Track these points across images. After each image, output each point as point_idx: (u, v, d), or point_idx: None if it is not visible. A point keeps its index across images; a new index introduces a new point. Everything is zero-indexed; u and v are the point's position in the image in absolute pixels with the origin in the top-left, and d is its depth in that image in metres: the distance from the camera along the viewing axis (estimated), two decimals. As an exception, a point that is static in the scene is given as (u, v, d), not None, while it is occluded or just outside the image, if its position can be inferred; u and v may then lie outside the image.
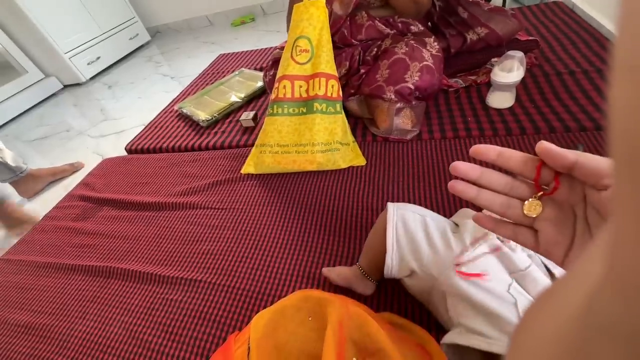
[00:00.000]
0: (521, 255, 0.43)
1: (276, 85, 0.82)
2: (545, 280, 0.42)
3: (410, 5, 0.85)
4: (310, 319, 0.41)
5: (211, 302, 0.62)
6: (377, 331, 0.40)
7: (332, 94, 0.81)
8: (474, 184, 0.25)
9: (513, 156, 0.23)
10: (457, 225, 0.50)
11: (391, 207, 0.51)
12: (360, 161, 0.83)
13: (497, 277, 0.42)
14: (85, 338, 0.63)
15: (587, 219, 0.21)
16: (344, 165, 0.82)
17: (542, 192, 0.23)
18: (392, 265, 0.48)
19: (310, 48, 0.80)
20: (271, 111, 0.83)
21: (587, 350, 0.08)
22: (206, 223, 0.78)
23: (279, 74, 0.82)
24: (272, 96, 0.83)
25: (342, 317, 0.41)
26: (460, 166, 0.24)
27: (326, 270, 0.59)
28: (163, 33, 2.96)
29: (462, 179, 0.25)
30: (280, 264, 0.65)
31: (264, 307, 0.58)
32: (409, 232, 0.48)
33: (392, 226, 0.49)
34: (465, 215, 0.51)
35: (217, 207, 0.82)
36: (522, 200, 0.23)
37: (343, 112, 0.85)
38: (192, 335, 0.58)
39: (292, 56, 0.80)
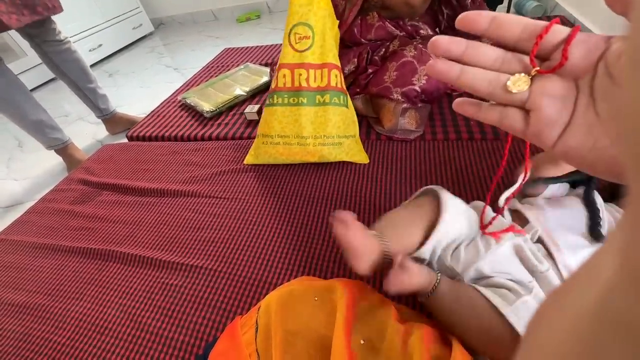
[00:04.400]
0: (541, 259, 0.44)
1: (276, 75, 0.81)
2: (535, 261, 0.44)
3: (403, 8, 0.86)
4: (316, 299, 0.42)
5: (211, 288, 0.62)
6: (387, 317, 0.41)
7: (336, 83, 0.79)
8: (459, 62, 0.21)
9: (506, 21, 0.19)
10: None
11: (445, 195, 0.47)
12: (363, 158, 0.84)
13: (518, 275, 0.43)
14: (81, 319, 0.62)
15: (594, 89, 0.18)
16: (346, 159, 0.82)
17: (537, 69, 0.19)
18: (427, 251, 0.45)
19: (312, 35, 0.77)
20: (271, 101, 0.82)
21: (600, 345, 0.08)
22: (208, 211, 0.78)
23: (278, 63, 0.81)
24: (272, 86, 0.82)
25: (349, 301, 0.42)
26: (441, 40, 0.20)
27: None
28: (167, 25, 2.95)
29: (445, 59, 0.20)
30: (281, 253, 0.66)
31: (265, 295, 0.58)
32: (454, 228, 0.45)
33: (449, 215, 0.44)
34: (476, 207, 0.51)
35: (219, 196, 0.82)
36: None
37: (349, 104, 0.84)
38: (191, 319, 0.58)
39: (290, 43, 0.78)
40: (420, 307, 0.54)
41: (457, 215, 0.45)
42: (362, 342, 0.39)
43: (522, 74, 0.19)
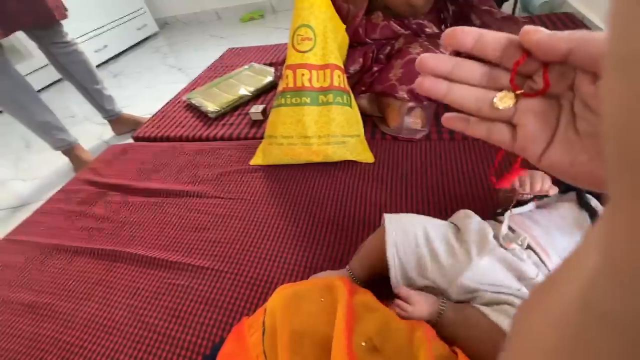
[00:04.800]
0: (530, 266, 0.44)
1: (282, 77, 0.83)
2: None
3: (405, 8, 0.86)
4: (322, 299, 0.42)
5: (217, 288, 0.63)
6: (389, 317, 0.41)
7: (339, 83, 0.80)
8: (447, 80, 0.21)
9: (490, 42, 0.19)
10: (457, 227, 0.51)
11: (388, 221, 0.50)
12: (369, 158, 0.84)
13: (506, 284, 0.43)
14: (90, 319, 0.63)
15: (574, 109, 0.19)
16: (351, 158, 0.82)
17: (521, 92, 0.20)
18: (397, 283, 0.48)
19: (313, 36, 0.78)
20: (277, 102, 0.83)
21: (585, 337, 0.08)
22: (213, 212, 0.79)
23: (285, 65, 0.83)
24: (279, 88, 0.83)
25: (349, 301, 0.42)
26: (428, 59, 0.20)
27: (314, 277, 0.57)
28: (171, 25, 2.96)
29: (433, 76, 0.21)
30: (286, 254, 0.66)
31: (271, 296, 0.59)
32: (410, 247, 0.48)
33: (392, 244, 0.48)
34: (467, 216, 0.51)
35: (224, 196, 0.82)
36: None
37: (353, 104, 0.84)
38: (198, 320, 0.59)
39: (293, 45, 0.80)
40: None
41: (402, 244, 0.49)
42: (363, 344, 0.39)
43: (508, 91, 0.20)
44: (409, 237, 0.48)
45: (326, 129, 0.79)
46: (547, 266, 0.45)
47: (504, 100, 0.20)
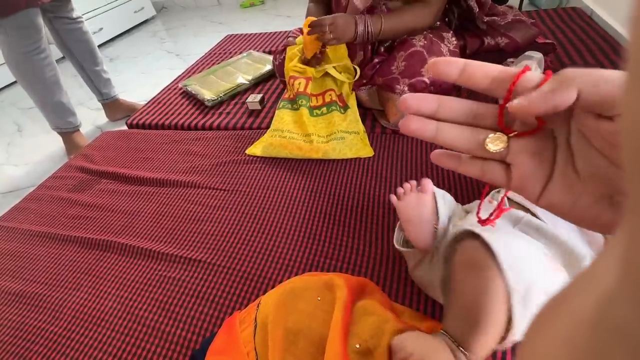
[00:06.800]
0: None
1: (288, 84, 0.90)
2: (543, 225, 0.43)
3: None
4: (319, 298, 0.40)
5: (210, 282, 0.61)
6: (384, 321, 0.40)
7: (331, 99, 0.88)
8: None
9: (477, 72, 0.18)
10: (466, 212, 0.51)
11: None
12: (368, 152, 0.82)
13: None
14: (78, 310, 0.62)
15: (571, 146, 0.17)
16: (350, 155, 0.81)
17: (513, 134, 0.18)
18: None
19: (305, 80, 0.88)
20: (279, 106, 0.90)
21: (598, 353, 0.08)
22: (208, 203, 0.77)
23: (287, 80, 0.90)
24: (285, 95, 0.90)
25: (347, 302, 0.40)
26: (411, 99, 0.19)
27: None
28: (169, 9, 2.89)
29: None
30: (282, 249, 0.64)
31: (264, 291, 0.57)
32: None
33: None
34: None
35: (219, 187, 0.80)
36: (492, 129, 0.19)
37: (352, 104, 0.87)
38: (189, 314, 0.57)
39: (290, 84, 0.89)
40: (422, 308, 0.52)
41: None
42: (357, 346, 0.38)
43: (499, 133, 0.19)
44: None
45: (325, 129, 0.85)
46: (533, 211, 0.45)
47: (495, 143, 0.19)
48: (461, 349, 0.36)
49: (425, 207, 0.46)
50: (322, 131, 0.84)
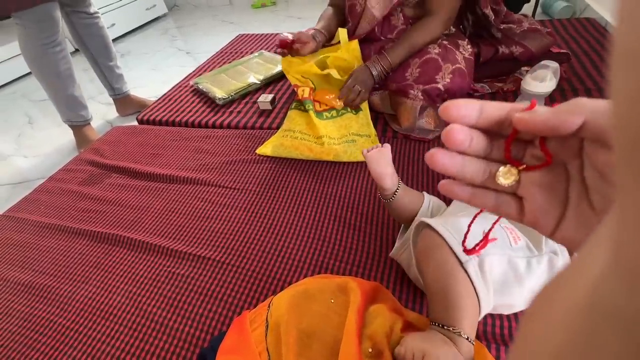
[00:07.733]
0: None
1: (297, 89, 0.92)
2: None
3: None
4: (332, 301, 0.40)
5: (219, 280, 0.61)
6: (394, 324, 0.39)
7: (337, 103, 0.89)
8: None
9: (489, 116, 0.18)
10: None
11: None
12: (379, 156, 0.82)
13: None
14: (87, 303, 0.62)
15: (585, 180, 0.17)
16: (361, 158, 0.81)
17: (523, 167, 0.19)
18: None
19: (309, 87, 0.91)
20: (292, 106, 0.90)
21: (592, 337, 0.08)
22: (218, 201, 0.77)
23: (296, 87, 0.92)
24: (298, 97, 0.90)
25: (360, 306, 0.40)
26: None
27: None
28: (181, 7, 2.91)
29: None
30: (292, 250, 0.64)
31: (274, 291, 0.57)
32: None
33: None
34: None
35: (229, 186, 0.80)
36: (504, 162, 0.19)
37: (365, 107, 0.87)
38: (197, 311, 0.57)
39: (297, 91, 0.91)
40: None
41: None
42: (370, 350, 0.38)
43: (510, 166, 0.19)
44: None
45: (336, 132, 0.85)
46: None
47: (506, 177, 0.19)
48: (452, 329, 0.39)
49: (385, 154, 0.58)
50: (333, 133, 0.84)
